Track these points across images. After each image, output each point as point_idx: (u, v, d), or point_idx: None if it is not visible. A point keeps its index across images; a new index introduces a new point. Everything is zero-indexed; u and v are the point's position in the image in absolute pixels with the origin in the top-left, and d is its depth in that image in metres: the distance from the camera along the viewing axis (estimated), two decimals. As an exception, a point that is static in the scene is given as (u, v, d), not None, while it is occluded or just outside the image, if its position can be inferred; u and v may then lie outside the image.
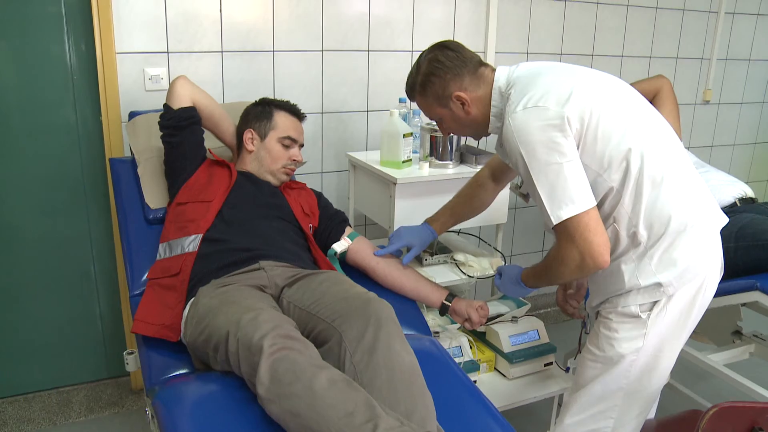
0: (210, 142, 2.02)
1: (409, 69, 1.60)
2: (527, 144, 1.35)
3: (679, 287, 1.39)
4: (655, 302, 1.41)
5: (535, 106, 1.36)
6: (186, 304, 1.59)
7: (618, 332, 1.45)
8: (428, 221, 1.93)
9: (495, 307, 2.18)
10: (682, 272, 1.38)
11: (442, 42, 1.57)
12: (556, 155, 1.33)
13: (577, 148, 1.37)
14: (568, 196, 1.33)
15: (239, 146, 1.96)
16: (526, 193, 1.51)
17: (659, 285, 1.39)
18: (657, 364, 1.45)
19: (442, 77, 1.51)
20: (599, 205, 1.42)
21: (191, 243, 1.70)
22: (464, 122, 1.58)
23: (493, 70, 1.54)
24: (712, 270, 1.44)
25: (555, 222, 1.35)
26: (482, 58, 1.60)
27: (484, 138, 2.79)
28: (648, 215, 1.38)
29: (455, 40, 1.60)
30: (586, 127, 1.35)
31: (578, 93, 1.37)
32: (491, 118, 1.54)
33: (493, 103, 1.52)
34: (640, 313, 1.41)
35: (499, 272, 1.76)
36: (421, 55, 1.58)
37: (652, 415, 1.66)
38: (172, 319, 1.57)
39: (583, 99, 1.36)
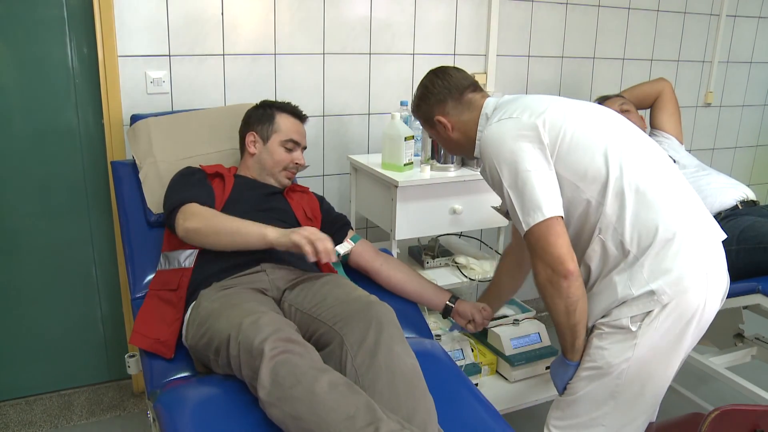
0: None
1: (410, 72, 1.64)
2: (499, 154, 1.42)
3: (674, 296, 1.36)
4: (648, 313, 1.38)
5: (509, 118, 1.44)
6: (183, 319, 1.59)
7: (609, 342, 1.42)
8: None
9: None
10: (675, 280, 1.36)
11: (438, 68, 1.68)
12: (526, 163, 1.38)
13: (552, 157, 1.40)
14: (535, 203, 1.37)
15: (242, 149, 1.97)
16: (506, 211, 1.52)
17: (652, 293, 1.36)
18: (649, 374, 1.42)
19: (427, 102, 1.64)
20: (583, 220, 1.44)
21: (188, 258, 1.70)
22: (449, 143, 1.69)
23: (485, 96, 1.63)
24: (712, 282, 1.40)
25: (525, 228, 1.39)
26: (477, 83, 1.68)
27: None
28: (634, 225, 1.38)
29: (455, 66, 1.70)
30: (561, 138, 1.40)
31: (552, 110, 1.44)
32: (477, 142, 1.60)
33: (479, 127, 1.59)
34: (630, 325, 1.39)
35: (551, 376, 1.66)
36: (421, 80, 1.69)
37: (653, 419, 1.65)
38: (168, 335, 1.57)
39: (557, 115, 1.42)
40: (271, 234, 1.56)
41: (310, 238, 1.50)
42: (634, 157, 1.41)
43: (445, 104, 1.62)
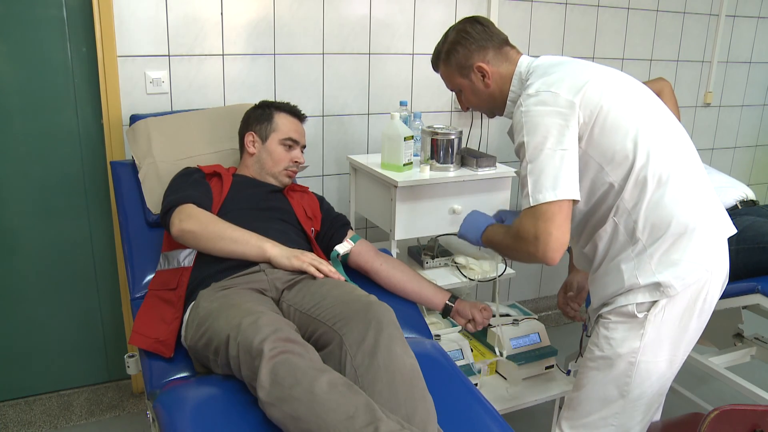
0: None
1: (410, 72, 1.61)
2: (531, 125, 1.38)
3: (681, 290, 1.38)
4: (654, 302, 1.39)
5: (548, 91, 1.40)
6: (183, 318, 1.59)
7: (616, 331, 1.44)
8: None
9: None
10: (682, 274, 1.37)
11: (473, 16, 1.63)
12: (554, 141, 1.35)
13: (582, 140, 1.39)
14: (551, 183, 1.34)
15: (241, 150, 1.97)
16: None
17: (658, 285, 1.38)
18: (657, 368, 1.44)
19: (467, 47, 1.57)
20: (602, 200, 1.44)
21: (187, 257, 1.71)
22: (482, 95, 1.62)
23: (519, 53, 1.61)
24: (716, 276, 1.42)
25: (532, 204, 1.34)
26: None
27: (485, 141, 2.81)
28: (649, 213, 1.38)
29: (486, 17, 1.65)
30: (594, 119, 1.38)
31: (592, 85, 1.40)
32: (508, 102, 1.58)
33: (512, 87, 1.57)
34: (636, 313, 1.41)
35: (464, 226, 1.72)
36: (451, 27, 1.64)
37: (657, 417, 1.65)
38: (167, 334, 1.57)
39: (595, 91, 1.39)
40: (270, 251, 1.61)
41: (313, 264, 1.60)
42: (662, 146, 1.40)
43: (486, 51, 1.57)
